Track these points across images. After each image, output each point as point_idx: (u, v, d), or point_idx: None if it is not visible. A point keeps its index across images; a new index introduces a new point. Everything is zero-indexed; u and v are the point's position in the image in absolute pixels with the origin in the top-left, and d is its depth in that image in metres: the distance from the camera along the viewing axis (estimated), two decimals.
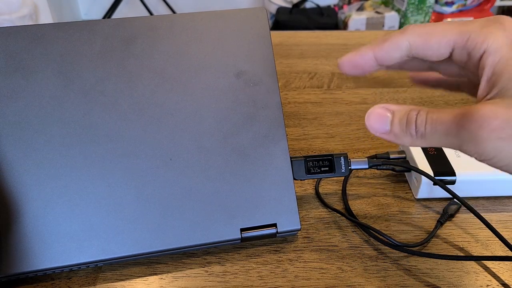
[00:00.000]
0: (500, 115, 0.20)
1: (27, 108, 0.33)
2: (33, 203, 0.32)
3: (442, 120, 0.22)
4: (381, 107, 0.24)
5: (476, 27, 0.22)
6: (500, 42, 0.21)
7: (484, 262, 0.35)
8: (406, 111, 0.23)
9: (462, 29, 0.23)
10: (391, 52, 0.24)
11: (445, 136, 0.22)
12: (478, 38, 0.22)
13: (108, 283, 0.33)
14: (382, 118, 0.24)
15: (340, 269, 0.34)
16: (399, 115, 0.23)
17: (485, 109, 0.20)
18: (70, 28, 0.34)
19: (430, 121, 0.22)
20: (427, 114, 0.22)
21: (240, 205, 0.34)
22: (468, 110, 0.21)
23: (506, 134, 0.20)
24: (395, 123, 0.23)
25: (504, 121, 0.20)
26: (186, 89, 0.35)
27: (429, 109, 0.23)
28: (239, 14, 0.37)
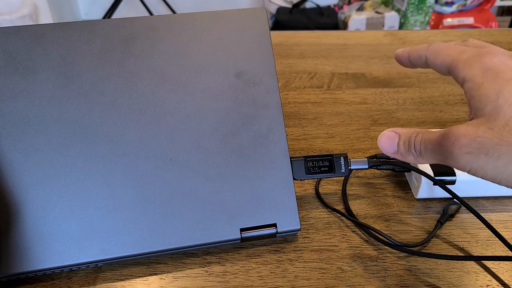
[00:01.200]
0: (468, 134, 0.24)
1: (27, 108, 0.33)
2: (33, 203, 0.32)
3: (430, 140, 0.26)
4: (390, 131, 0.29)
5: (464, 58, 0.27)
6: (474, 71, 0.26)
7: (484, 262, 0.35)
8: (409, 134, 0.27)
9: (457, 57, 0.27)
10: (416, 58, 0.31)
11: (434, 154, 0.26)
12: (460, 68, 0.26)
13: (108, 283, 0.33)
14: (390, 141, 0.28)
15: (340, 269, 0.34)
16: (404, 138, 0.28)
17: (458, 129, 0.24)
18: (70, 28, 0.34)
19: (423, 141, 0.26)
20: (422, 136, 0.27)
21: (240, 205, 0.34)
22: (448, 130, 0.25)
23: (472, 148, 0.23)
24: (400, 145, 0.28)
25: (471, 138, 0.23)
26: (186, 89, 0.35)
27: (425, 130, 0.27)
28: (239, 14, 0.37)
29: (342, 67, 0.63)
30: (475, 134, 0.23)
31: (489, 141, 0.23)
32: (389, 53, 0.66)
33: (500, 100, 0.23)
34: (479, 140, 0.23)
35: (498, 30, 0.73)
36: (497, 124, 0.23)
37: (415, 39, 0.70)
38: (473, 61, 0.26)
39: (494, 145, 0.23)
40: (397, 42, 0.69)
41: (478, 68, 0.25)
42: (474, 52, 0.27)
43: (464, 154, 0.24)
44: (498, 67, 0.25)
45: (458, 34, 0.71)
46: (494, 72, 0.25)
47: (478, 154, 0.23)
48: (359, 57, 0.65)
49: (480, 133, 0.23)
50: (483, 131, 0.23)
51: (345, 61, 0.64)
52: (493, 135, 0.23)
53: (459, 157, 0.24)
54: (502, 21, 2.29)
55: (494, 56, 0.26)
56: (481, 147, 0.23)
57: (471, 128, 0.24)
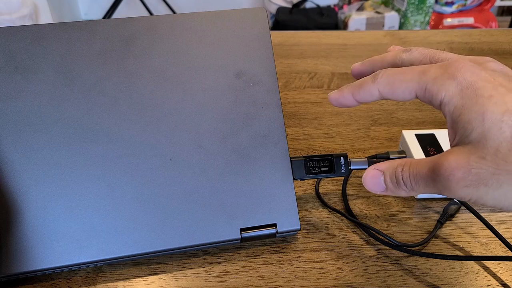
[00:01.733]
0: (461, 166, 0.22)
1: (27, 108, 0.33)
2: (33, 203, 0.32)
3: (420, 174, 0.25)
4: (372, 169, 0.27)
5: (431, 78, 0.24)
6: (451, 92, 0.23)
7: (484, 262, 0.35)
8: (393, 169, 0.26)
9: (420, 79, 0.25)
10: (366, 97, 0.28)
11: (427, 187, 0.24)
12: (433, 90, 0.24)
13: (108, 283, 0.33)
14: (376, 180, 0.27)
15: (340, 269, 0.34)
16: (389, 174, 0.26)
17: (449, 161, 0.23)
18: (70, 28, 0.34)
19: (412, 176, 0.25)
20: (409, 170, 0.25)
21: (240, 205, 0.34)
22: (437, 162, 0.23)
23: (470, 181, 0.22)
24: (387, 182, 0.26)
25: (466, 171, 0.22)
26: (186, 89, 0.35)
27: (411, 162, 0.25)
28: (239, 14, 0.37)
29: (342, 67, 0.63)
30: (469, 165, 0.22)
31: (485, 172, 0.22)
32: None
33: (486, 124, 0.22)
34: (474, 171, 0.22)
35: (498, 30, 0.73)
36: (488, 152, 0.22)
37: (415, 39, 0.70)
38: (445, 80, 0.24)
39: (492, 175, 0.22)
40: (397, 42, 0.69)
41: (453, 86, 0.23)
42: (439, 68, 0.25)
43: (462, 188, 0.22)
44: (475, 84, 0.23)
45: (458, 34, 0.71)
46: (473, 89, 0.23)
47: (477, 186, 0.22)
48: (359, 57, 0.65)
49: (473, 163, 0.22)
50: (476, 161, 0.22)
51: (345, 61, 0.64)
52: (488, 164, 0.22)
53: (457, 190, 0.23)
54: (502, 21, 2.29)
55: (464, 69, 0.24)
56: (478, 178, 0.22)
57: (462, 158, 0.22)
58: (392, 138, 0.49)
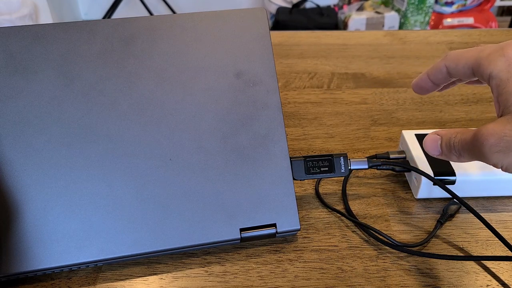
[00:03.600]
0: (495, 133, 0.24)
1: (27, 108, 0.33)
2: (33, 203, 0.32)
3: (466, 140, 0.27)
4: (433, 133, 0.30)
5: (485, 54, 0.27)
6: (499, 67, 0.25)
7: (484, 262, 0.35)
8: (449, 135, 0.28)
9: (478, 56, 0.27)
10: (437, 74, 0.31)
11: (470, 153, 0.27)
12: (484, 64, 0.26)
13: (108, 283, 0.33)
14: (434, 143, 0.29)
15: (340, 269, 0.34)
16: (445, 139, 0.29)
17: (486, 129, 0.25)
18: (70, 28, 0.34)
19: (460, 142, 0.27)
20: (460, 137, 0.27)
21: (239, 205, 0.34)
22: (479, 130, 0.25)
23: (501, 147, 0.24)
24: (443, 147, 0.29)
25: (499, 137, 0.24)
26: (186, 89, 0.35)
27: (463, 130, 0.28)
28: (239, 14, 0.37)
29: (342, 67, 0.63)
30: (502, 133, 0.24)
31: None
32: (389, 53, 0.66)
33: None
34: (506, 139, 0.24)
35: (498, 30, 0.73)
36: None
37: (415, 39, 0.70)
38: (497, 56, 0.26)
39: None
40: (397, 42, 0.69)
41: (503, 62, 0.25)
42: (495, 47, 0.26)
43: (494, 153, 0.24)
44: None
45: (458, 34, 0.72)
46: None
47: (507, 152, 0.24)
48: (359, 57, 0.65)
49: (507, 131, 0.24)
50: (510, 129, 0.24)
51: (345, 61, 0.64)
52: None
53: (490, 156, 0.25)
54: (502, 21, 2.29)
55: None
56: (509, 145, 0.24)
57: (498, 126, 0.24)
58: (392, 138, 0.49)
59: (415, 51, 0.67)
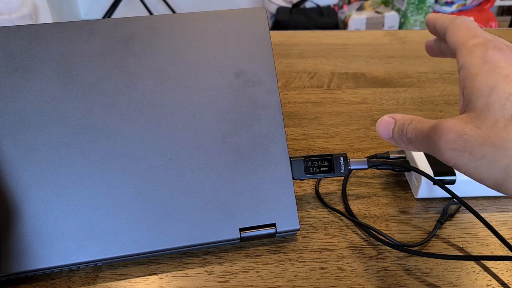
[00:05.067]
0: (456, 129, 0.23)
1: (27, 107, 0.33)
2: (33, 203, 0.32)
3: (421, 130, 0.26)
4: (388, 116, 0.29)
5: (471, 44, 0.26)
6: (474, 60, 0.25)
7: (484, 261, 0.35)
8: (403, 121, 0.27)
9: (466, 41, 0.26)
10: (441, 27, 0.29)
11: (422, 144, 0.26)
12: (463, 53, 0.26)
13: (108, 282, 0.33)
14: (387, 126, 0.28)
15: (340, 269, 0.34)
16: (398, 124, 0.28)
17: (447, 123, 0.24)
18: (69, 27, 0.34)
19: (414, 130, 0.26)
20: (415, 124, 0.27)
21: (239, 205, 0.34)
22: (438, 122, 0.25)
23: (458, 145, 0.23)
24: (395, 131, 0.28)
25: (458, 135, 0.23)
26: (186, 89, 0.35)
27: (420, 118, 0.27)
28: (239, 14, 0.37)
29: (342, 67, 0.63)
30: (463, 131, 0.23)
31: (475, 140, 0.23)
32: (389, 53, 0.66)
33: (492, 96, 0.23)
34: (465, 138, 0.23)
35: (498, 30, 0.73)
36: (485, 123, 0.23)
37: (415, 38, 0.70)
38: (476, 49, 0.25)
39: (479, 145, 0.22)
40: (397, 42, 0.69)
41: (479, 58, 0.25)
42: (484, 40, 0.26)
43: (449, 150, 0.23)
44: (498, 62, 0.24)
45: None
46: (493, 65, 0.24)
47: (463, 152, 0.23)
48: (359, 57, 0.65)
49: (467, 130, 0.23)
50: (471, 129, 0.23)
51: (345, 61, 0.64)
52: (480, 134, 0.23)
53: (444, 151, 0.24)
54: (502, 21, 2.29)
55: (499, 50, 0.25)
56: (466, 145, 0.23)
57: (460, 124, 0.23)
58: None
59: (415, 51, 0.67)
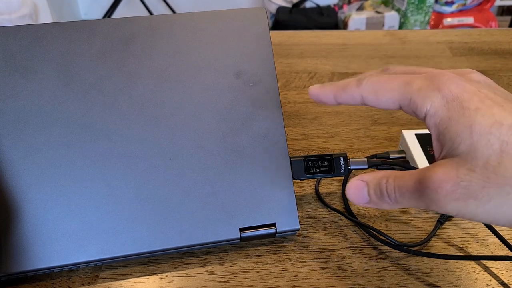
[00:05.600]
0: (450, 178, 0.22)
1: (27, 107, 0.33)
2: (33, 202, 0.32)
3: (406, 187, 0.24)
4: (356, 179, 0.26)
5: (415, 90, 0.24)
6: (437, 104, 0.23)
7: (483, 261, 0.35)
8: (377, 181, 0.25)
9: (405, 90, 0.25)
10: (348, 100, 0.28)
11: (412, 201, 0.24)
12: (418, 101, 0.24)
13: (108, 282, 0.33)
14: (360, 191, 0.26)
15: (340, 269, 0.34)
16: (373, 185, 0.25)
17: (437, 174, 0.22)
18: (69, 27, 0.34)
19: (397, 189, 0.24)
20: (394, 182, 0.24)
21: (239, 205, 0.34)
22: (424, 175, 0.23)
23: (459, 194, 0.22)
24: (371, 194, 0.26)
25: (454, 184, 0.22)
26: (186, 88, 0.35)
27: (396, 174, 0.25)
28: (239, 14, 0.37)
29: (342, 67, 0.63)
30: (458, 178, 0.22)
31: (475, 185, 0.21)
32: (389, 53, 0.66)
33: (474, 136, 0.22)
34: (464, 184, 0.21)
35: (498, 30, 0.73)
36: (477, 164, 0.21)
37: (415, 38, 0.70)
38: (430, 91, 0.24)
39: (482, 188, 0.21)
40: (397, 42, 0.69)
41: (438, 99, 0.23)
42: (424, 80, 0.24)
43: (451, 201, 0.22)
44: (461, 96, 0.23)
45: (458, 34, 0.71)
46: (458, 102, 0.23)
47: (467, 200, 0.21)
48: (359, 57, 0.65)
49: (462, 176, 0.21)
50: (465, 174, 0.21)
51: (345, 60, 0.64)
52: (477, 177, 0.21)
53: (445, 204, 0.22)
54: (502, 20, 2.29)
55: (450, 81, 0.23)
56: (468, 191, 0.21)
57: (450, 171, 0.22)
58: (392, 138, 0.48)
59: (415, 50, 0.67)
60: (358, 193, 0.26)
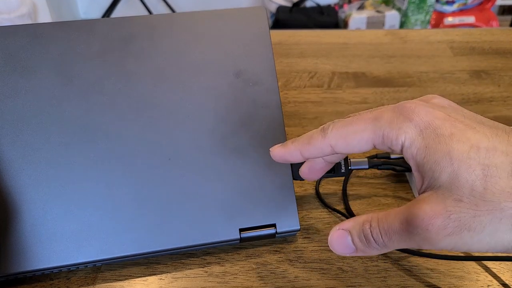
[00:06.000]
0: (439, 213, 0.21)
1: (26, 107, 0.33)
2: (32, 203, 0.32)
3: (393, 229, 0.23)
4: (336, 230, 0.25)
5: (386, 123, 0.23)
6: (411, 135, 0.22)
7: (484, 262, 0.34)
8: (360, 227, 0.24)
9: (375, 126, 0.24)
10: (317, 153, 0.26)
11: (402, 243, 0.23)
12: (391, 135, 0.23)
13: (107, 283, 0.33)
14: (343, 241, 0.25)
15: (341, 269, 0.34)
16: (356, 233, 0.24)
17: (424, 211, 0.21)
18: (69, 27, 0.34)
19: (384, 232, 0.23)
20: (379, 225, 0.23)
21: (239, 205, 0.34)
22: (410, 213, 0.22)
23: (451, 228, 0.21)
24: (356, 242, 0.24)
25: (444, 218, 0.21)
26: (185, 88, 0.35)
27: (378, 216, 0.23)
28: (239, 13, 0.37)
29: (343, 66, 0.62)
30: (447, 211, 0.21)
31: (465, 215, 0.20)
32: (389, 52, 0.66)
33: (454, 163, 0.21)
34: (454, 217, 0.21)
35: (499, 29, 0.73)
36: (463, 193, 0.21)
37: (416, 38, 0.70)
38: (401, 123, 0.23)
39: (473, 218, 0.20)
40: (398, 41, 0.69)
41: (412, 129, 0.22)
42: (392, 112, 0.23)
43: (445, 237, 0.21)
44: (433, 122, 0.22)
45: (459, 33, 0.71)
46: (432, 129, 0.22)
47: (460, 232, 0.21)
48: (359, 56, 0.65)
49: (450, 208, 0.21)
50: (453, 206, 0.21)
51: (345, 60, 0.64)
52: (466, 206, 0.20)
53: (438, 241, 0.21)
54: (503, 20, 2.29)
55: (418, 109, 0.23)
56: (459, 224, 0.20)
57: (437, 204, 0.21)
58: None
59: (416, 50, 0.66)
60: (342, 244, 0.25)
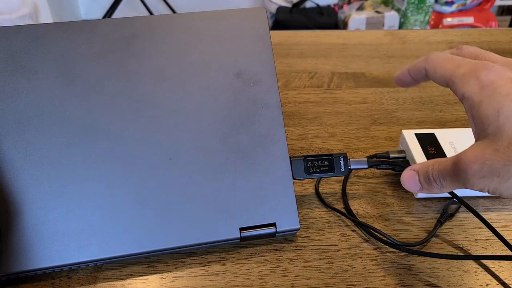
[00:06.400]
0: (477, 159, 0.24)
1: (27, 107, 0.33)
2: (33, 202, 0.32)
3: (446, 171, 0.27)
4: (408, 170, 0.29)
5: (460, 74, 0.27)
6: (472, 89, 0.26)
7: (483, 261, 0.35)
8: (424, 170, 0.28)
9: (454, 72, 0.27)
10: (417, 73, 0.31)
11: (453, 183, 0.27)
12: (458, 84, 0.27)
13: (108, 282, 0.33)
14: (412, 180, 0.29)
15: (340, 269, 0.34)
16: (422, 174, 0.28)
17: (467, 156, 0.25)
18: (70, 27, 0.34)
19: (440, 174, 0.27)
20: (438, 168, 0.27)
21: (239, 205, 0.34)
22: (458, 157, 0.26)
23: (485, 172, 0.24)
24: (422, 182, 0.28)
25: (481, 163, 0.24)
26: (186, 88, 0.35)
27: (439, 161, 0.27)
28: (239, 14, 0.37)
29: (342, 67, 0.63)
30: (484, 158, 0.24)
31: (497, 163, 0.24)
32: (389, 53, 0.66)
33: (501, 119, 0.24)
34: (488, 163, 0.24)
35: (498, 30, 0.73)
36: (502, 145, 0.24)
37: (415, 38, 0.70)
38: (470, 77, 0.26)
39: (503, 166, 0.23)
40: (397, 42, 0.69)
41: (475, 84, 0.26)
42: (470, 66, 0.27)
43: (479, 179, 0.24)
44: (495, 82, 0.25)
45: (458, 34, 0.71)
46: (492, 88, 0.25)
47: (491, 177, 0.24)
48: (359, 57, 0.65)
49: (487, 156, 0.24)
50: (490, 154, 0.24)
51: (345, 60, 0.64)
52: (500, 156, 0.24)
53: (474, 182, 0.25)
54: (502, 20, 2.29)
55: (490, 69, 0.26)
56: (492, 170, 0.24)
57: (478, 152, 0.24)
58: (392, 138, 0.49)
59: (415, 50, 0.67)
60: (411, 182, 0.29)
